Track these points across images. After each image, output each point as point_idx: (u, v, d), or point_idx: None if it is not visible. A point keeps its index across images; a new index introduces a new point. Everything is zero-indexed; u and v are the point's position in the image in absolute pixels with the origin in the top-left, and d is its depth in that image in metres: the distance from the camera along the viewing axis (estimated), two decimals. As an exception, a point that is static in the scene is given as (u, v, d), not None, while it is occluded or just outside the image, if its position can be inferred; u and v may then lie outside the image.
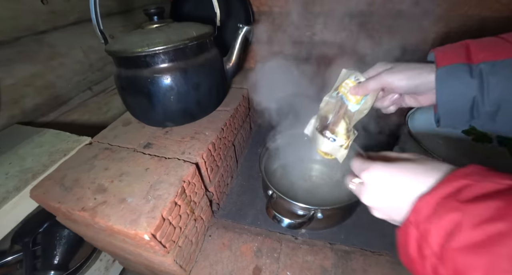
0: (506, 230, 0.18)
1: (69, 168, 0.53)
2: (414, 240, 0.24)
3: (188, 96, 0.55)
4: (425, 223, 0.23)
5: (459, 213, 0.21)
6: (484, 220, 0.19)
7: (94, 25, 0.55)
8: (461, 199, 0.22)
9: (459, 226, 0.20)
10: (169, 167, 0.50)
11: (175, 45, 0.51)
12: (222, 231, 0.61)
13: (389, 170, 0.30)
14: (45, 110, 0.69)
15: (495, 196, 0.20)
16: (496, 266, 0.18)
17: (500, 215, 0.19)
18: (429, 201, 0.24)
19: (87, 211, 0.44)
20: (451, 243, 0.20)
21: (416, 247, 0.24)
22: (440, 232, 0.21)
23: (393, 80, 0.39)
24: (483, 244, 0.19)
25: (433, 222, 0.22)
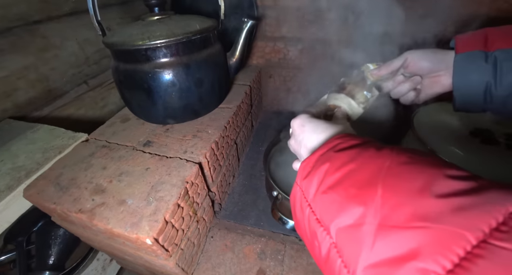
0: (355, 168, 0.23)
1: (65, 166, 0.51)
2: (298, 199, 0.26)
3: (190, 92, 0.53)
4: (306, 179, 0.26)
5: (328, 163, 0.25)
6: (342, 164, 0.24)
7: (91, 15, 0.52)
8: (330, 153, 0.26)
9: (327, 172, 0.24)
10: (170, 167, 0.48)
11: (178, 39, 0.48)
12: (224, 232, 0.59)
13: (304, 120, 0.35)
14: (38, 104, 0.66)
15: (354, 147, 0.26)
16: (348, 195, 0.21)
17: (352, 159, 0.24)
18: (310, 160, 0.27)
19: (85, 213, 0.42)
20: (320, 188, 0.24)
21: (300, 205, 0.26)
22: (315, 183, 0.25)
23: (417, 55, 0.42)
24: (340, 181, 0.23)
25: (310, 176, 0.26)
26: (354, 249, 0.19)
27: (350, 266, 0.19)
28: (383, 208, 0.19)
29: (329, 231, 0.21)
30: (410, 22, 0.68)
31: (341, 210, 0.21)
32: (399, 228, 0.18)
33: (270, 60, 0.92)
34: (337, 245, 0.21)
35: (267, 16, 0.82)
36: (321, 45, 0.83)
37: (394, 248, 0.17)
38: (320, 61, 0.85)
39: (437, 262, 0.15)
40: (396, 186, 0.20)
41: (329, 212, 0.22)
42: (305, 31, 0.82)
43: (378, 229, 0.18)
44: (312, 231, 0.24)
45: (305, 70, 0.91)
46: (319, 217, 0.23)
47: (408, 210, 0.18)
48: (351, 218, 0.20)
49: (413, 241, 0.16)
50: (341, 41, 0.79)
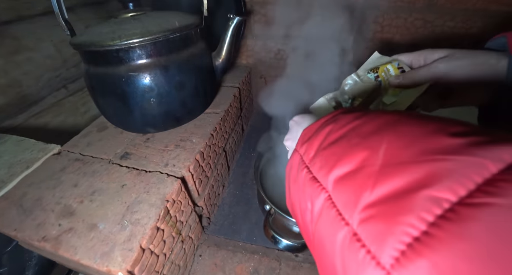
0: (362, 122, 0.21)
1: (31, 184, 0.45)
2: (295, 165, 0.24)
3: (170, 97, 0.47)
4: (306, 143, 0.24)
5: (332, 124, 0.23)
6: (347, 122, 0.22)
7: (56, 13, 0.46)
8: (335, 118, 0.24)
9: (330, 132, 0.22)
10: (149, 183, 0.43)
11: (154, 38, 0.42)
12: (214, 250, 0.54)
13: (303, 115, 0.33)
14: (11, 111, 0.60)
15: (359, 111, 0.23)
16: (350, 144, 0.20)
17: (357, 117, 0.22)
18: (313, 126, 0.26)
19: (49, 241, 0.36)
20: (320, 147, 0.22)
21: (296, 170, 0.24)
22: (316, 144, 0.23)
23: (452, 69, 0.33)
24: (344, 135, 0.21)
25: (311, 140, 0.24)
26: (352, 194, 0.16)
27: (346, 212, 0.16)
28: (389, 149, 0.17)
29: (326, 185, 0.19)
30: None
31: (341, 159, 0.19)
32: (408, 162, 0.15)
33: (260, 59, 0.87)
34: (332, 196, 0.18)
35: (256, 12, 0.77)
36: (314, 42, 0.78)
37: (398, 182, 0.15)
38: (314, 59, 0.80)
39: (450, 189, 0.13)
40: (405, 132, 0.18)
41: (327, 165, 0.20)
42: (297, 28, 0.78)
43: (382, 168, 0.16)
44: (306, 195, 0.21)
45: (298, 70, 0.86)
46: (315, 174, 0.21)
47: (418, 146, 0.16)
48: (350, 165, 0.18)
49: (422, 172, 0.14)
50: (336, 38, 0.75)
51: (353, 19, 0.75)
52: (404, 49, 0.77)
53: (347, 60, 0.72)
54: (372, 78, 0.38)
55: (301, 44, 0.79)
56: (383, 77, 0.37)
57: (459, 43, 0.74)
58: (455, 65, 0.33)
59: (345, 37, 0.75)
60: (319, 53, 0.77)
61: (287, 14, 0.75)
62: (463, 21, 0.71)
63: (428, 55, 0.36)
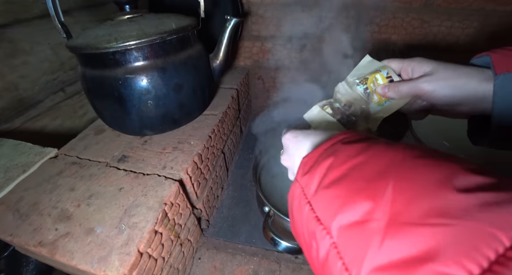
0: (364, 160, 0.20)
1: (28, 188, 0.45)
2: (297, 197, 0.24)
3: (168, 99, 0.47)
4: (307, 175, 0.23)
5: (332, 157, 0.22)
6: (349, 157, 0.21)
7: (52, 16, 0.46)
8: (335, 147, 0.23)
9: (331, 166, 0.22)
10: (147, 186, 0.42)
11: (151, 40, 0.42)
12: (213, 252, 0.54)
13: (295, 132, 0.31)
14: (8, 115, 0.59)
15: (361, 141, 0.23)
16: (353, 188, 0.19)
17: (360, 152, 0.21)
18: (313, 155, 0.25)
19: (46, 246, 0.36)
20: (322, 184, 0.21)
21: (298, 203, 0.23)
22: (317, 179, 0.22)
23: (432, 90, 0.33)
24: (346, 174, 0.20)
25: (312, 171, 0.23)
26: (359, 249, 0.16)
27: (353, 269, 0.16)
28: (395, 202, 0.16)
29: (330, 230, 0.19)
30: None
31: (345, 205, 0.18)
32: (414, 225, 0.15)
33: (258, 60, 0.87)
34: (338, 245, 0.18)
35: (253, 13, 0.77)
36: (312, 44, 0.78)
37: (407, 248, 0.14)
38: (311, 60, 0.80)
39: (461, 265, 0.12)
40: (410, 179, 0.17)
41: (330, 209, 0.19)
42: (294, 29, 0.78)
43: (388, 226, 0.16)
44: (310, 231, 0.21)
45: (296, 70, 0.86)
46: (319, 214, 0.20)
47: (424, 204, 0.15)
48: (356, 214, 0.17)
49: (430, 240, 0.14)
50: (333, 39, 0.75)
51: (350, 19, 0.75)
52: (401, 48, 0.77)
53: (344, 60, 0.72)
54: (361, 90, 0.38)
55: (298, 45, 0.79)
56: (371, 88, 0.37)
57: (456, 42, 0.75)
58: (436, 85, 0.34)
59: (342, 38, 0.75)
60: (316, 53, 0.77)
61: (285, 15, 0.75)
62: (460, 21, 0.71)
63: (416, 66, 0.36)
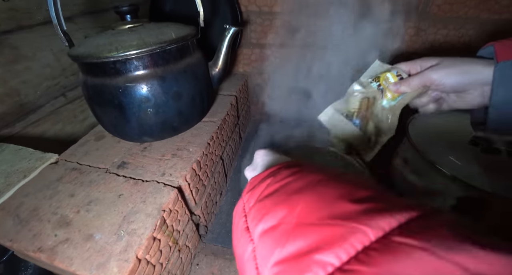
0: (292, 180, 0.23)
1: (28, 194, 0.45)
2: (238, 211, 0.25)
3: (167, 107, 0.48)
4: (250, 192, 0.26)
5: (272, 177, 0.25)
6: (283, 177, 0.24)
7: (54, 24, 0.47)
8: (277, 171, 0.26)
9: (269, 185, 0.24)
10: (146, 192, 0.43)
11: (151, 49, 0.43)
12: (211, 258, 0.54)
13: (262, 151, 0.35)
14: (9, 120, 0.60)
15: (299, 166, 0.26)
16: (277, 200, 0.22)
17: (293, 173, 0.24)
18: (259, 176, 0.27)
19: (45, 252, 0.36)
20: (259, 197, 0.24)
21: (238, 218, 0.25)
22: (257, 195, 0.24)
23: (440, 77, 0.37)
24: (276, 190, 0.23)
25: (254, 189, 0.25)
26: (268, 249, 0.18)
27: (262, 266, 0.18)
28: (303, 209, 0.19)
29: (253, 237, 0.21)
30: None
31: (267, 213, 0.21)
32: (312, 225, 0.18)
33: (257, 67, 0.88)
34: (256, 249, 0.20)
35: (252, 22, 0.78)
36: (309, 52, 0.79)
37: (302, 243, 0.17)
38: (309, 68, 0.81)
39: (334, 254, 0.15)
40: (321, 194, 0.20)
41: (256, 218, 0.22)
42: (292, 38, 0.79)
43: (294, 227, 0.18)
44: (242, 243, 0.22)
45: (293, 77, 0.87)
46: (249, 224, 0.22)
47: (325, 211, 0.18)
48: (273, 220, 0.20)
49: (319, 236, 0.17)
50: (330, 47, 0.76)
51: (348, 28, 0.77)
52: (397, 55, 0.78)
53: (344, 67, 0.73)
54: (375, 87, 0.43)
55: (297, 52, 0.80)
56: (384, 85, 0.42)
57: (451, 49, 0.76)
58: (443, 73, 0.37)
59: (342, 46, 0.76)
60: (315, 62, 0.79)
61: (283, 23, 0.77)
62: (456, 29, 0.73)
63: (423, 63, 0.40)
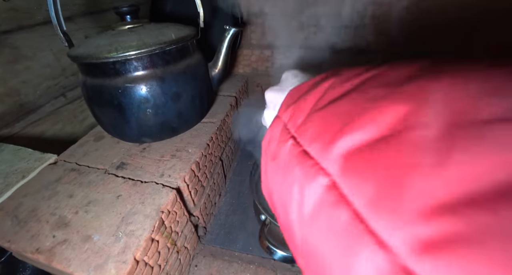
0: (380, 73, 0.15)
1: (26, 194, 0.45)
2: (275, 136, 0.19)
3: (167, 108, 0.48)
4: (294, 104, 0.18)
5: (332, 78, 0.18)
6: (357, 73, 0.17)
7: (54, 25, 0.47)
8: (335, 72, 0.18)
9: (331, 86, 0.17)
10: (145, 193, 0.43)
11: (150, 50, 0.43)
12: (210, 260, 0.54)
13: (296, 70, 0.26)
14: (8, 120, 0.60)
15: (362, 67, 0.18)
16: (369, 97, 0.14)
17: (373, 67, 0.16)
18: (303, 86, 0.20)
19: (43, 253, 0.36)
20: (317, 105, 0.16)
21: (276, 143, 0.18)
22: (309, 105, 0.17)
23: None
24: (353, 88, 0.15)
25: (302, 99, 0.18)
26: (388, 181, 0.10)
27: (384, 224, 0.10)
28: (455, 100, 0.11)
29: (325, 165, 0.13)
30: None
31: (354, 120, 0.13)
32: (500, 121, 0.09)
33: (257, 68, 0.88)
34: (340, 184, 0.12)
35: (253, 22, 0.78)
36: (310, 53, 0.79)
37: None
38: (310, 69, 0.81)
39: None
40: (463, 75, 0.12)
41: (327, 132, 0.14)
42: (292, 38, 0.79)
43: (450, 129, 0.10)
44: (290, 177, 0.15)
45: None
46: (306, 147, 0.15)
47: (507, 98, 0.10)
48: (376, 128, 0.12)
49: None
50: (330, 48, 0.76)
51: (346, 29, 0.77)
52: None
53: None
54: None
55: (296, 53, 0.80)
56: None
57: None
58: None
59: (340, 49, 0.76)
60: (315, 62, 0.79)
61: (283, 24, 0.77)
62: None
63: None
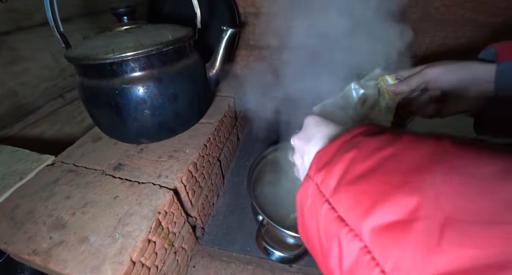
0: (395, 152, 0.18)
1: (24, 196, 0.45)
2: (311, 194, 0.21)
3: (164, 109, 0.48)
4: (324, 170, 0.21)
5: (354, 150, 0.20)
6: (375, 149, 0.19)
7: (51, 26, 0.47)
8: (356, 140, 0.21)
9: (354, 160, 0.20)
10: (142, 194, 0.43)
11: (147, 51, 0.43)
12: (208, 260, 0.54)
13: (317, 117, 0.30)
14: (7, 121, 0.60)
15: (384, 133, 0.21)
16: (389, 182, 0.17)
17: (386, 144, 0.19)
18: (329, 149, 0.22)
19: (39, 254, 0.36)
20: (344, 179, 0.19)
21: (312, 203, 0.21)
22: (337, 174, 0.20)
23: (437, 73, 0.37)
24: (375, 168, 0.18)
25: (331, 166, 0.21)
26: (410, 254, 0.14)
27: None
28: (450, 198, 0.14)
29: (360, 232, 0.16)
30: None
31: (380, 202, 0.16)
32: (478, 225, 0.13)
33: (255, 69, 0.88)
34: (372, 250, 0.15)
35: (250, 23, 0.78)
36: (308, 53, 0.79)
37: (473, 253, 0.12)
38: (309, 69, 0.81)
39: None
40: (461, 172, 0.15)
41: (360, 207, 0.17)
42: (290, 39, 0.79)
43: (444, 225, 0.13)
44: (329, 234, 0.18)
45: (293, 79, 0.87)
46: (342, 214, 0.18)
47: (487, 202, 0.13)
48: (395, 213, 0.15)
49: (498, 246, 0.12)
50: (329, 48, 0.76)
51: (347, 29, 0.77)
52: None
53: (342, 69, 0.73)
54: (372, 85, 0.44)
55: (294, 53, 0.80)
56: (382, 85, 0.43)
57: (449, 51, 0.76)
58: (441, 69, 0.37)
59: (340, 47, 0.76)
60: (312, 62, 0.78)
61: (280, 25, 0.77)
62: (453, 31, 0.73)
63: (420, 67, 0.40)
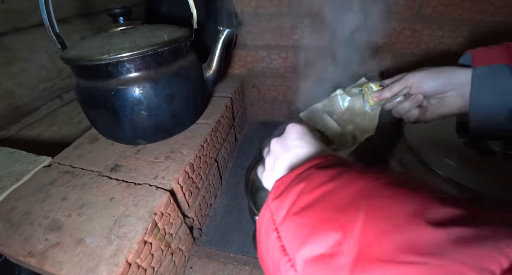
0: (335, 187, 0.20)
1: (20, 197, 0.45)
2: (266, 221, 0.22)
3: (160, 110, 0.48)
4: (278, 199, 0.22)
5: (304, 182, 0.22)
6: (320, 183, 0.21)
7: (46, 27, 0.47)
8: (309, 172, 0.23)
9: (302, 192, 0.21)
10: (138, 195, 0.43)
11: (142, 52, 0.43)
12: (205, 261, 0.54)
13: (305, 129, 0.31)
14: (4, 122, 0.60)
15: (335, 167, 0.22)
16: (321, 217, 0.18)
17: (331, 178, 0.21)
18: (286, 179, 0.24)
19: (35, 256, 0.36)
20: (291, 210, 0.20)
21: (266, 229, 0.22)
22: (288, 204, 0.21)
23: (418, 79, 0.39)
24: (315, 201, 0.20)
25: (283, 196, 0.22)
26: None
27: None
28: (365, 235, 0.16)
29: (294, 262, 0.18)
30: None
31: (311, 236, 0.17)
32: (384, 261, 0.14)
33: (252, 69, 0.88)
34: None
35: (247, 23, 0.78)
36: (305, 53, 0.79)
37: None
38: (306, 69, 0.81)
39: None
40: (381, 209, 0.17)
41: (297, 238, 0.18)
42: (287, 39, 0.79)
43: (357, 261, 0.15)
44: (275, 262, 0.19)
45: (290, 79, 0.87)
46: (285, 244, 0.19)
47: (395, 239, 0.15)
48: (322, 247, 0.17)
49: None
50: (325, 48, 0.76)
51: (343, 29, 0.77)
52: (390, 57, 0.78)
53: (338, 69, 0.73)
54: (357, 91, 0.46)
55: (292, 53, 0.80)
56: (366, 92, 0.44)
57: (447, 50, 0.76)
58: (420, 75, 0.39)
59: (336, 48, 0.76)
60: (310, 63, 0.78)
61: (278, 25, 0.77)
62: (451, 30, 0.73)
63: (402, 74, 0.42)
